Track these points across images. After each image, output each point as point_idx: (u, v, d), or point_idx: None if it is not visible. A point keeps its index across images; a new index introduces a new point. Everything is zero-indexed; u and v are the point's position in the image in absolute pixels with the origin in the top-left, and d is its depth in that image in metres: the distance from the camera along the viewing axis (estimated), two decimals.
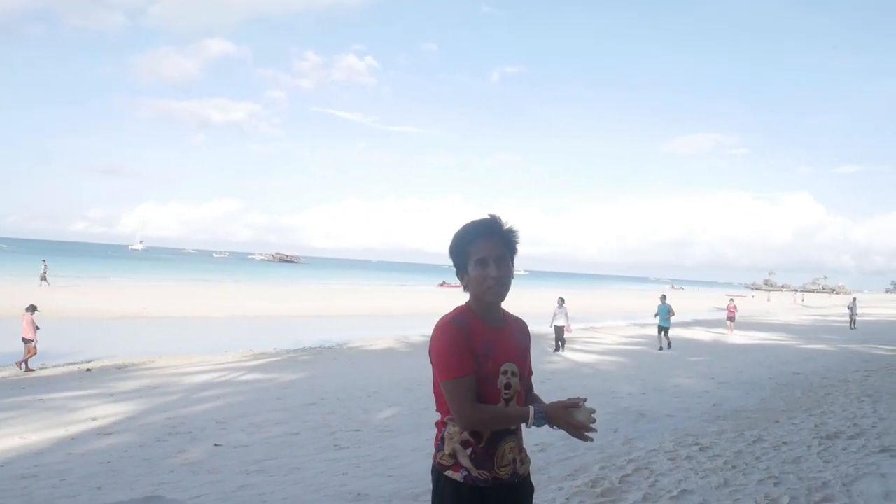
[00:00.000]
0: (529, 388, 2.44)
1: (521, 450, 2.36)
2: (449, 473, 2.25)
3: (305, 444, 7.59)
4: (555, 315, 19.29)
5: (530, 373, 2.43)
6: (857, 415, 8.69)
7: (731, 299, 31.39)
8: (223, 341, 19.92)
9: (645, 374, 13.68)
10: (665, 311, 20.38)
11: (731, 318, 28.13)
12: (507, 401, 2.24)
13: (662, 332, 20.29)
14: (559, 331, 19.15)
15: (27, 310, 14.77)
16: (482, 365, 2.20)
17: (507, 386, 2.24)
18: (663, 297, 21.26)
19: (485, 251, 2.24)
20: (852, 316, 32.64)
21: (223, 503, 5.27)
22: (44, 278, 36.15)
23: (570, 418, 2.17)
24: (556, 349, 18.85)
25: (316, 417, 9.14)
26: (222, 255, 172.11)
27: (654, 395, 10.85)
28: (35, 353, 14.42)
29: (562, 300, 19.69)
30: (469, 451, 2.23)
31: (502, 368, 2.24)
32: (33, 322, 14.52)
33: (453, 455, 2.25)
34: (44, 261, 38.21)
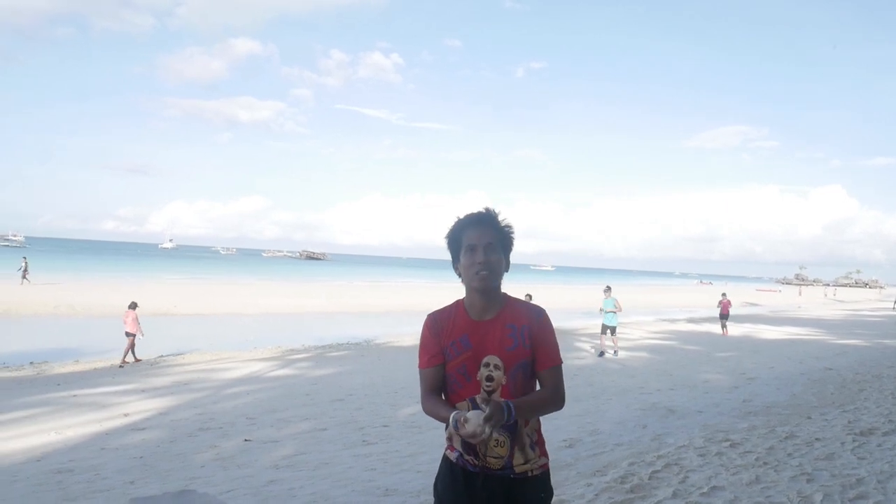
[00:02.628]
0: (544, 381, 2.34)
1: (523, 450, 2.33)
2: (447, 452, 2.45)
3: (334, 439, 7.64)
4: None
5: (544, 365, 2.32)
6: (892, 411, 8.54)
7: (724, 294, 25.31)
8: (252, 338, 20.13)
9: (673, 370, 13.56)
10: (610, 306, 17.07)
11: (725, 316, 24.11)
12: (489, 393, 2.28)
13: (609, 332, 16.96)
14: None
15: (130, 307, 16.08)
16: (454, 357, 2.32)
17: (489, 378, 2.28)
18: (607, 289, 17.86)
19: (475, 239, 2.31)
20: None
21: (253, 498, 5.32)
22: (24, 276, 35.24)
23: (464, 429, 2.05)
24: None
25: (344, 413, 9.20)
26: (229, 252, 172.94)
27: (683, 391, 10.75)
28: (131, 347, 15.55)
29: (529, 297, 17.11)
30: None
31: (484, 361, 2.29)
32: (136, 318, 15.80)
33: (451, 437, 2.39)
34: (24, 258, 37.23)
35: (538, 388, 2.36)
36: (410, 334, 22.33)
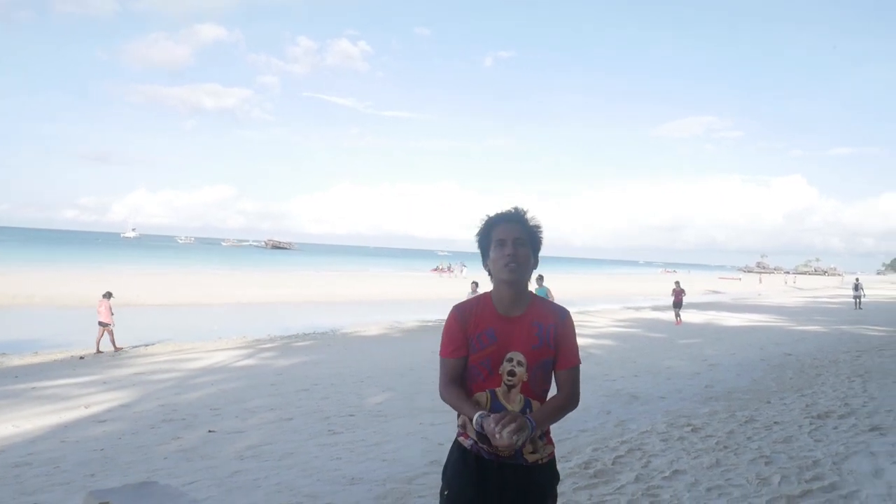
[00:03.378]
0: (563, 380, 2.43)
1: (534, 442, 2.40)
2: (460, 439, 2.48)
3: (299, 429, 7.60)
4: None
5: (564, 365, 2.41)
6: (848, 394, 8.76)
7: (677, 282, 24.40)
8: (217, 328, 19.92)
9: (638, 357, 13.74)
10: (544, 294, 15.82)
11: (678, 305, 23.28)
12: (510, 387, 2.35)
13: None
14: None
15: (104, 296, 16.11)
16: (479, 350, 2.36)
17: (511, 374, 2.35)
18: (540, 279, 17.17)
19: (504, 233, 2.39)
20: (858, 297, 32.91)
21: (217, 489, 5.28)
22: None
23: (493, 439, 2.14)
24: None
25: (310, 403, 9.15)
26: (188, 241, 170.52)
27: (646, 378, 10.91)
28: (108, 336, 15.66)
29: (476, 284, 17.81)
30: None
31: (507, 356, 2.35)
32: (110, 308, 15.77)
33: (464, 425, 2.43)
34: None
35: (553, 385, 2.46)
36: (377, 323, 22.31)
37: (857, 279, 36.59)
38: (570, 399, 2.41)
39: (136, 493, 3.22)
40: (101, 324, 15.63)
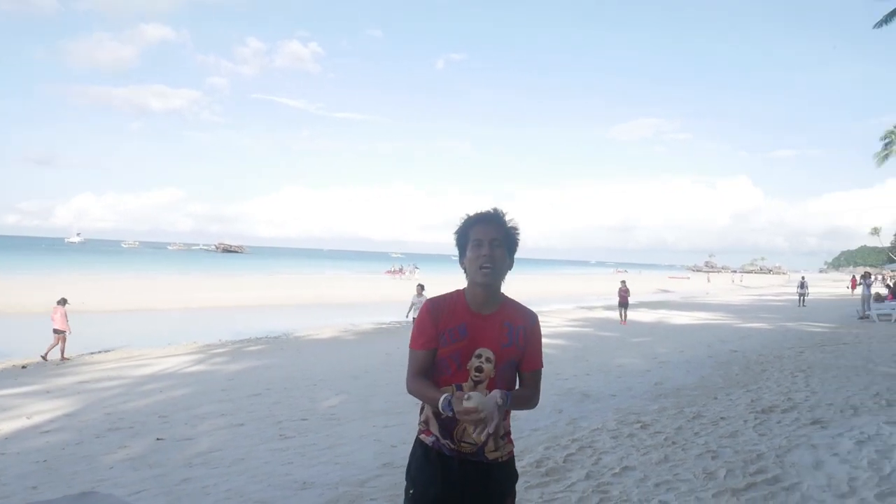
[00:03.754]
0: (526, 381, 2.51)
1: (496, 439, 2.45)
2: (422, 436, 2.51)
3: (250, 434, 7.50)
4: (412, 306, 17.38)
5: (529, 367, 2.49)
6: (791, 389, 9.01)
7: (623, 282, 24.43)
8: (166, 334, 19.52)
9: (590, 356, 13.91)
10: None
11: (624, 305, 23.28)
12: (477, 383, 2.40)
13: None
14: None
15: (59, 303, 15.64)
16: (449, 344, 2.41)
17: (479, 370, 2.41)
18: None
19: (481, 234, 2.44)
20: (803, 294, 33.88)
21: (165, 497, 5.17)
22: None
23: (459, 405, 2.17)
24: None
25: (261, 408, 9.03)
26: (131, 246, 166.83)
27: (598, 376, 11.04)
28: (61, 344, 15.18)
29: (421, 287, 17.73)
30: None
31: (476, 352, 2.41)
32: (65, 315, 15.35)
33: (427, 421, 2.49)
34: None
35: (517, 386, 2.52)
36: (330, 326, 22.13)
37: (802, 277, 37.69)
38: (534, 395, 2.49)
39: (75, 503, 3.14)
40: (55, 331, 15.19)
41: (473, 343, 2.40)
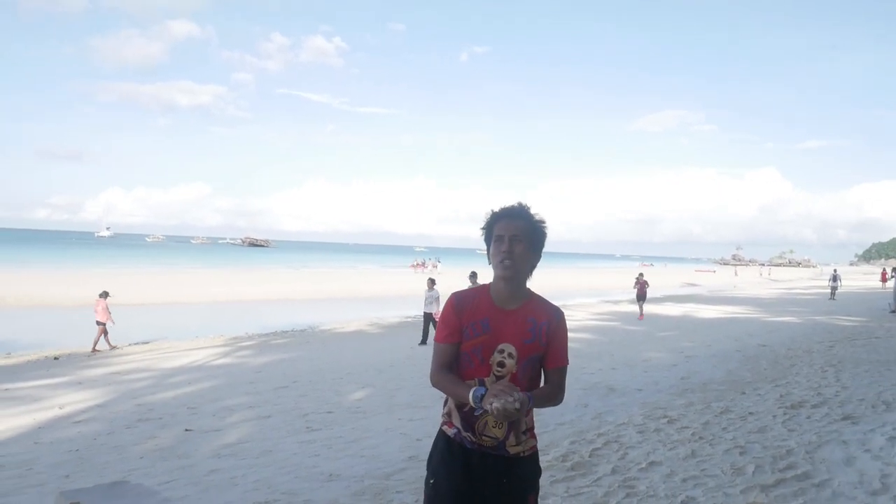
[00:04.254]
0: (550, 378, 2.50)
1: (518, 434, 2.45)
2: (444, 428, 2.52)
3: (277, 426, 7.57)
4: (425, 300, 16.56)
5: (553, 364, 2.48)
6: (821, 384, 8.88)
7: (641, 274, 23.92)
8: (194, 327, 19.76)
9: (615, 350, 13.83)
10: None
11: (642, 297, 22.73)
12: (499, 377, 2.39)
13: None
14: (428, 319, 16.08)
15: (101, 296, 16.30)
16: (472, 338, 2.42)
17: (501, 364, 2.40)
18: (474, 276, 16.23)
19: (503, 229, 2.44)
20: (835, 287, 33.45)
21: (193, 487, 5.24)
22: None
23: (488, 404, 2.21)
24: (423, 341, 15.62)
25: (288, 400, 9.11)
26: (156, 239, 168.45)
27: (623, 370, 10.98)
28: (101, 336, 15.71)
29: (432, 281, 17.09)
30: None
31: (499, 347, 2.40)
32: (107, 307, 15.98)
33: (449, 413, 2.51)
34: None
35: (542, 382, 2.52)
36: (356, 320, 22.24)
37: (834, 270, 37.25)
38: (558, 393, 2.49)
39: (107, 492, 3.18)
40: (98, 323, 15.74)
41: (496, 338, 2.41)
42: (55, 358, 14.09)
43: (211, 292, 31.35)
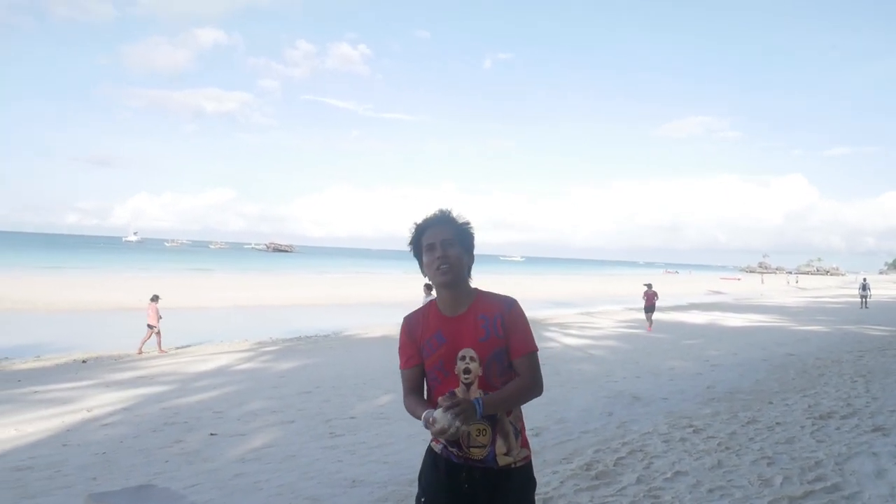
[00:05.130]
0: (519, 368, 2.39)
1: (506, 438, 2.38)
2: (432, 444, 2.50)
3: (301, 432, 7.60)
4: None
5: (518, 353, 2.38)
6: (851, 395, 8.74)
7: (649, 284, 22.19)
8: (219, 331, 19.91)
9: (640, 358, 13.72)
10: None
11: (650, 309, 21.32)
12: (468, 385, 2.35)
13: None
14: None
15: (152, 299, 16.56)
16: (431, 354, 2.40)
17: (466, 371, 2.35)
18: (429, 287, 13.43)
19: (433, 237, 2.41)
20: (865, 296, 33.01)
21: (219, 491, 5.28)
22: None
23: (432, 429, 2.19)
24: None
25: (311, 405, 9.15)
26: (174, 245, 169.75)
27: (648, 379, 10.89)
28: (155, 338, 16.23)
29: (429, 287, 13.97)
30: None
31: (460, 354, 2.36)
32: (157, 311, 16.28)
33: None
34: None
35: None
36: (380, 325, 22.27)
37: (864, 279, 36.75)
38: (530, 382, 2.39)
39: (134, 495, 3.22)
40: (149, 326, 16.22)
41: (453, 346, 2.36)
42: (83, 361, 14.27)
43: (235, 297, 31.61)
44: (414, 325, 2.47)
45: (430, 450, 2.51)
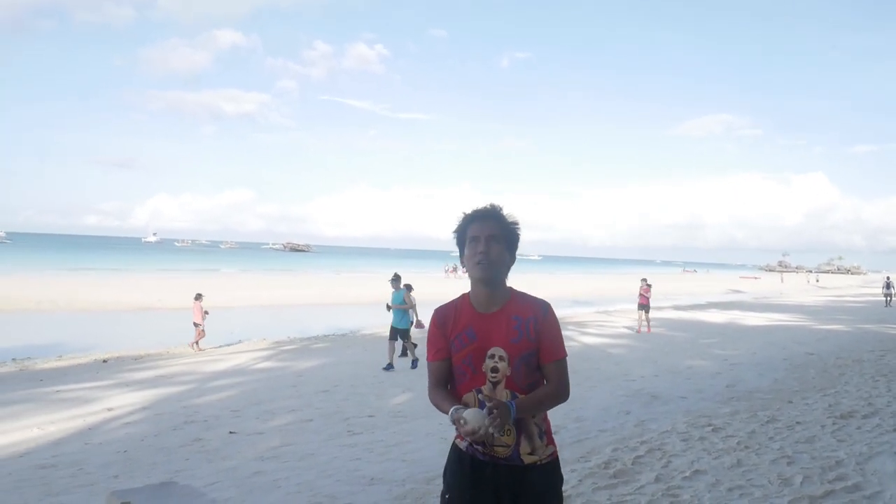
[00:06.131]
0: (548, 374, 2.40)
1: (531, 439, 2.38)
2: (457, 441, 2.50)
3: (319, 430, 7.64)
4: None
5: (548, 358, 2.38)
6: (872, 394, 8.65)
7: (644, 280, 21.02)
8: (237, 331, 20.03)
9: (658, 357, 13.65)
10: (400, 300, 13.21)
11: (644, 307, 19.93)
12: (495, 384, 2.34)
13: (402, 339, 13.19)
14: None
15: (196, 298, 17.08)
16: (460, 349, 2.39)
17: (494, 370, 2.34)
18: (396, 279, 13.48)
19: (478, 231, 2.39)
20: (889, 295, 32.88)
21: (238, 489, 5.32)
22: None
23: (461, 429, 2.19)
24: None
25: (329, 404, 9.19)
26: (184, 245, 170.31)
27: (666, 377, 10.83)
28: (203, 336, 16.76)
29: (409, 287, 13.91)
30: None
31: (489, 353, 2.35)
32: (202, 308, 16.81)
33: None
34: None
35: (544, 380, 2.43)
36: None
37: (887, 277, 36.55)
38: (558, 389, 2.39)
39: (156, 493, 3.26)
40: (195, 324, 16.77)
41: (484, 344, 2.35)
42: (104, 361, 14.41)
43: (254, 296, 31.79)
44: (445, 318, 2.45)
45: (454, 446, 2.51)
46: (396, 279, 13.75)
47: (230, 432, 7.56)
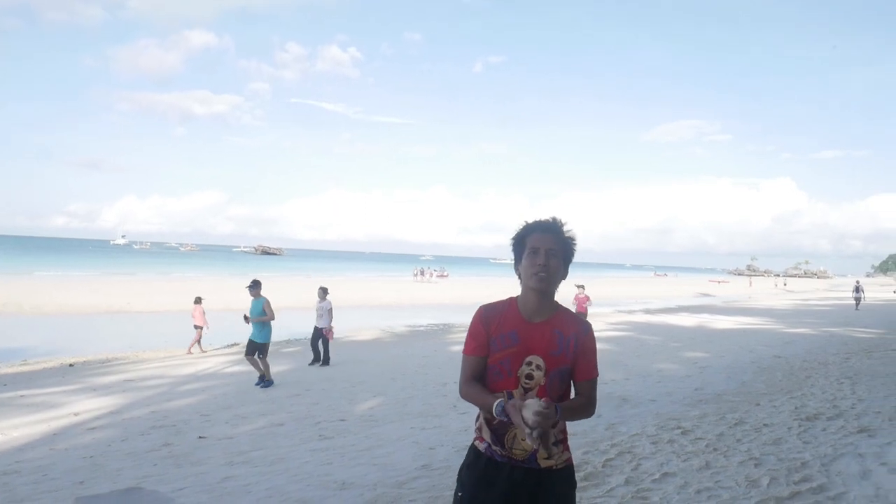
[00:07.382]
0: (580, 390, 2.47)
1: (547, 445, 2.41)
2: (476, 442, 2.53)
3: (290, 434, 7.59)
4: (317, 311, 14.44)
5: (582, 377, 2.46)
6: (837, 396, 8.80)
7: (581, 286, 19.67)
8: (208, 335, 19.80)
9: (629, 360, 13.77)
10: (259, 311, 12.33)
11: (582, 315, 15.98)
12: (527, 390, 2.39)
13: (257, 355, 11.78)
14: (317, 335, 14.15)
15: (196, 301, 17.38)
16: (499, 351, 2.42)
17: (529, 377, 2.40)
18: (256, 286, 12.71)
19: (538, 242, 2.44)
20: (859, 298, 34.36)
21: (207, 495, 5.25)
22: None
23: (516, 414, 2.20)
24: (314, 360, 13.98)
25: (301, 408, 9.13)
26: (143, 247, 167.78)
27: (637, 381, 10.93)
28: (200, 338, 17.11)
29: (324, 291, 14.61)
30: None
31: (526, 360, 2.40)
32: (203, 311, 17.13)
33: (480, 428, 2.52)
34: None
35: (572, 395, 2.50)
36: (368, 329, 22.28)
37: (857, 281, 37.80)
38: (588, 405, 2.47)
39: (122, 499, 3.21)
40: (195, 327, 17.03)
41: (524, 350, 2.40)
42: (70, 365, 14.19)
43: (223, 299, 31.42)
44: (491, 317, 2.47)
45: (473, 447, 2.54)
46: (255, 285, 12.65)
47: (200, 437, 7.47)
